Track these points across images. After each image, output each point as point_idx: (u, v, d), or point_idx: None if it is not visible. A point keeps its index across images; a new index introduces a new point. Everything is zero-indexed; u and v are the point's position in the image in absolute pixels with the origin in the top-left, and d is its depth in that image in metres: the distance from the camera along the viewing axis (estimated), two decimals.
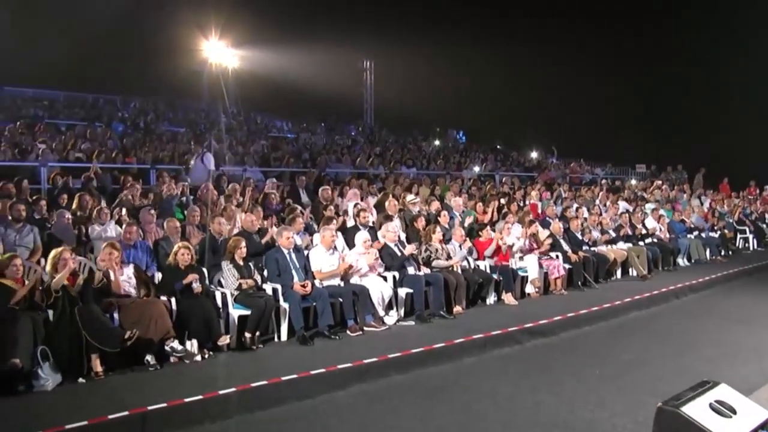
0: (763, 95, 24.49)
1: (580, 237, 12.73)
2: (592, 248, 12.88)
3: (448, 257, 10.26)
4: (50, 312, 6.77)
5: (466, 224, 11.63)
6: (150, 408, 5.58)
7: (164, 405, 5.67)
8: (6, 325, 6.25)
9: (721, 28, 26.43)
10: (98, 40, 23.65)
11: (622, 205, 16.31)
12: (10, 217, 8.81)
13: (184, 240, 8.91)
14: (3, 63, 21.29)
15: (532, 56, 29.44)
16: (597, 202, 16.48)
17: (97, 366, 6.56)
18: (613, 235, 13.72)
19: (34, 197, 10.25)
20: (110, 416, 5.39)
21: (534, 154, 28.20)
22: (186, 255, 7.81)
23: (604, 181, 21.66)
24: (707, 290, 12.40)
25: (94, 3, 22.81)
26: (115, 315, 7.14)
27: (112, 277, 7.41)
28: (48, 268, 7.04)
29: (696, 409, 4.32)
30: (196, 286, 7.64)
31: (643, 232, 14.39)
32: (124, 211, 10.15)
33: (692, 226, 16.23)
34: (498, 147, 28.99)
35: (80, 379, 6.42)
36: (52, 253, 7.12)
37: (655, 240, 14.49)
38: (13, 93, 23.51)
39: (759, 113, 25.40)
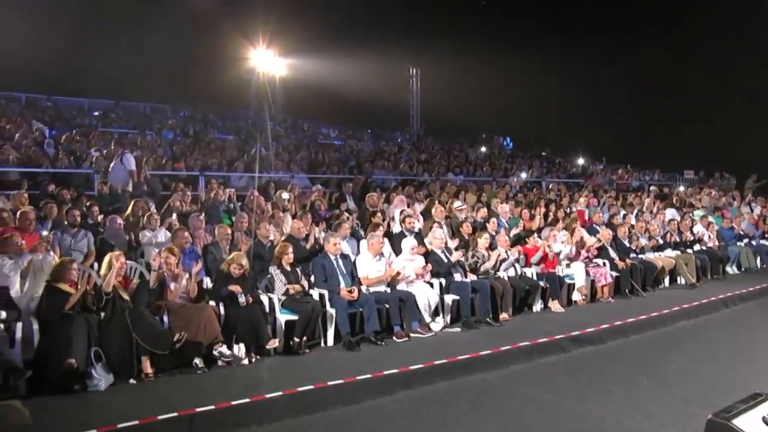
0: None
1: (627, 244, 12.54)
2: (640, 256, 12.68)
3: (497, 264, 10.22)
4: (103, 314, 6.94)
5: (512, 233, 11.54)
6: (198, 410, 5.68)
7: (212, 407, 5.76)
8: (62, 327, 6.46)
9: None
10: (149, 52, 24.14)
11: (670, 211, 16.01)
12: (66, 222, 9.06)
13: (233, 246, 9.05)
14: (62, 75, 21.90)
15: (579, 62, 29.13)
16: (644, 208, 16.22)
17: (147, 368, 6.70)
18: (661, 242, 13.51)
19: (88, 203, 10.50)
20: (160, 417, 5.50)
21: (580, 161, 27.90)
22: (237, 270, 7.81)
23: (651, 188, 21.28)
24: (758, 299, 12.05)
25: (146, 18, 23.33)
26: (165, 318, 7.27)
27: (171, 287, 7.56)
28: (102, 271, 7.23)
29: (748, 423, 4.19)
30: (242, 300, 7.69)
31: (692, 239, 14.11)
32: (174, 216, 10.33)
33: (742, 233, 15.85)
34: (543, 153, 28.73)
35: (131, 380, 6.58)
36: (107, 257, 7.30)
37: (704, 247, 14.19)
38: (70, 103, 24.21)
39: None
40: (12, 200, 10.09)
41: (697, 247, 14.04)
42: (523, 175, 21.50)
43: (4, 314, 6.35)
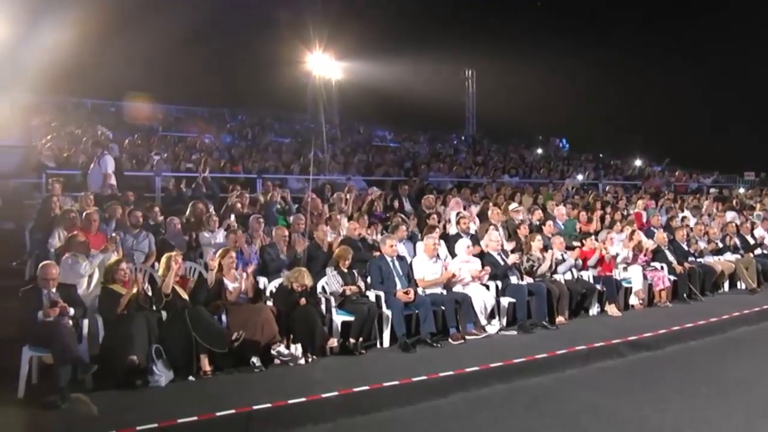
0: None
1: (685, 248, 12.31)
2: (699, 259, 12.42)
3: (553, 266, 10.12)
4: (164, 313, 7.12)
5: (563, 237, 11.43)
6: (255, 407, 5.77)
7: (269, 405, 5.84)
8: (123, 325, 6.67)
9: None
10: (208, 57, 24.62)
11: (730, 214, 15.60)
12: (128, 223, 9.30)
13: (290, 247, 9.14)
14: (125, 81, 22.45)
15: (637, 63, 28.64)
16: (703, 211, 15.84)
17: (206, 365, 6.84)
18: (721, 245, 13.20)
19: (148, 204, 10.73)
20: (218, 413, 5.61)
21: (638, 162, 27.38)
22: (300, 288, 7.78)
23: (711, 190, 20.75)
24: None
25: (205, 23, 23.79)
26: (223, 317, 7.40)
27: (230, 288, 7.68)
28: (160, 271, 7.40)
29: None
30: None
31: (752, 242, 13.71)
32: (233, 217, 10.49)
33: None
34: (600, 155, 28.28)
35: (190, 377, 6.73)
36: (165, 258, 7.50)
37: (765, 251, 13.76)
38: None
39: None
40: (79, 202, 10.39)
41: (758, 250, 13.62)
42: (580, 177, 21.19)
43: (72, 311, 6.58)
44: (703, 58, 28.20)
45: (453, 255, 9.77)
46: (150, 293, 7.15)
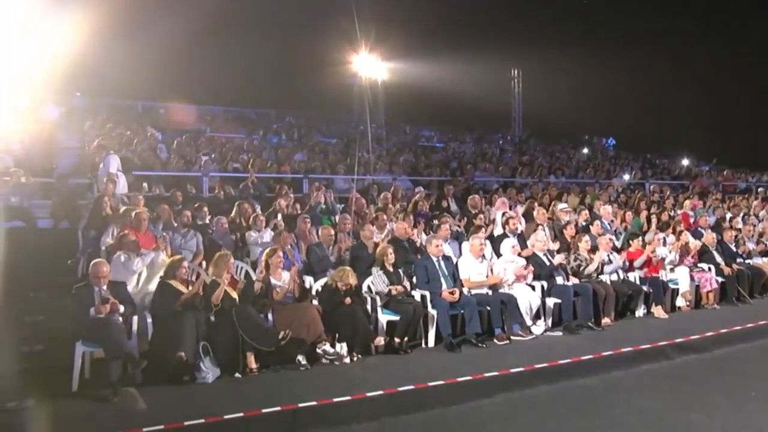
0: None
1: (734, 249, 12.07)
2: (747, 261, 12.15)
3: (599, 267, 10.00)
4: (213, 314, 7.25)
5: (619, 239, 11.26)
6: (300, 405, 5.82)
7: (314, 403, 5.88)
8: (173, 322, 6.83)
9: None
10: (256, 59, 24.88)
11: None
12: (176, 223, 9.47)
13: (336, 246, 9.22)
14: (173, 83, 22.84)
15: (685, 61, 28.13)
16: (752, 211, 15.45)
17: (252, 363, 6.94)
18: None
19: (197, 204, 10.90)
20: (264, 410, 5.68)
21: (685, 161, 26.82)
22: (344, 288, 7.84)
23: (759, 190, 20.21)
24: None
25: (251, 25, 24.08)
26: (270, 316, 7.49)
27: (277, 287, 7.77)
28: (211, 270, 7.50)
29: None
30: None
31: None
32: (279, 217, 10.60)
33: None
34: (647, 155, 27.80)
35: (236, 374, 6.83)
36: (216, 258, 7.62)
37: None
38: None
39: None
40: (129, 201, 10.59)
41: None
42: (626, 177, 20.88)
43: (122, 308, 6.75)
44: (754, 55, 27.57)
45: (498, 255, 9.73)
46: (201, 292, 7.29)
